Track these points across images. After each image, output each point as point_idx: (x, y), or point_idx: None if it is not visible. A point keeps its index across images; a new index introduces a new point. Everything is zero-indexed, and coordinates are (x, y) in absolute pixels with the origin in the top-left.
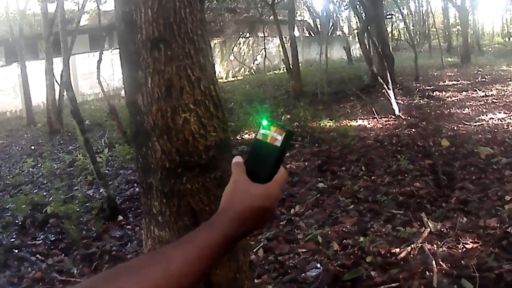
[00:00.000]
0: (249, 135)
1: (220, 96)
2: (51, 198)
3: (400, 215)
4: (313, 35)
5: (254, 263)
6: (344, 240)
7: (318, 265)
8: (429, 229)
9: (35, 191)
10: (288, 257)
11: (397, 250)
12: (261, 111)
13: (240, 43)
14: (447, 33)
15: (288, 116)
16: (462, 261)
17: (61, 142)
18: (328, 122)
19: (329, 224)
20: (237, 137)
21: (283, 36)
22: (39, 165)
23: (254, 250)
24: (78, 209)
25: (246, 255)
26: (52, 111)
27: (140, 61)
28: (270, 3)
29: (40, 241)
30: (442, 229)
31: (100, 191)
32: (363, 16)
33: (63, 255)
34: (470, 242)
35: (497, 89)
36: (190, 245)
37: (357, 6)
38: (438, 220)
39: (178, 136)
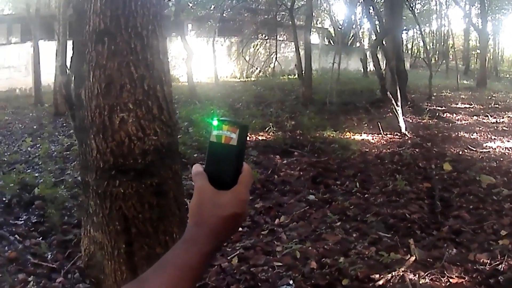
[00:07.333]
0: (249, 137)
1: (169, 97)
2: (41, 180)
3: (387, 239)
4: (332, 43)
5: (226, 271)
6: (323, 259)
7: (291, 282)
8: (414, 257)
9: (28, 171)
10: (261, 269)
11: (377, 275)
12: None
13: (257, 45)
14: (466, 55)
15: (293, 123)
16: None
17: (64, 124)
18: (332, 133)
19: (312, 239)
20: None
21: (299, 42)
22: (37, 145)
23: (229, 258)
24: (64, 194)
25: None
26: (59, 92)
27: (86, 54)
28: (289, 7)
29: (21, 222)
30: (428, 259)
31: None
32: (377, 29)
33: (40, 238)
34: (456, 276)
35: (509, 116)
36: (172, 269)
37: (374, 18)
38: (426, 248)
39: (113, 136)
